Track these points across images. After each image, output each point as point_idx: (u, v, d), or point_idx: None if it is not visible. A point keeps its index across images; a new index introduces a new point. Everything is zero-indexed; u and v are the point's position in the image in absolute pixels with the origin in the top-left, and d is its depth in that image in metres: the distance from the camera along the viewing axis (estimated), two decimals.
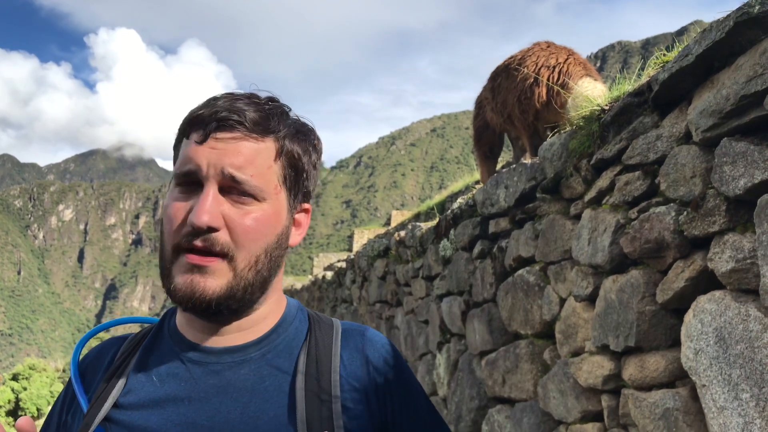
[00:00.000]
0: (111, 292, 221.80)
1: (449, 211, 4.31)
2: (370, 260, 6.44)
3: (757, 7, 1.67)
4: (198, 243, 0.84)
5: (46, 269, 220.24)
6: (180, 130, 0.91)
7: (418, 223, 5.25)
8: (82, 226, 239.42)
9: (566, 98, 3.81)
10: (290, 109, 0.95)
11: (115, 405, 0.88)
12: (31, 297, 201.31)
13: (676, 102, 2.12)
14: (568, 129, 2.90)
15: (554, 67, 4.18)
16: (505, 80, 4.51)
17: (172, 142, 0.94)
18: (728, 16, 1.76)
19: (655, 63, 2.47)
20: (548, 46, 4.42)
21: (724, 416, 1.75)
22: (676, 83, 2.05)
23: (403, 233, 5.50)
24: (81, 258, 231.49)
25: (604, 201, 2.51)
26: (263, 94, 0.93)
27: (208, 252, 0.84)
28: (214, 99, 0.90)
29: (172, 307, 0.99)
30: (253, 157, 0.86)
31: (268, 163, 0.88)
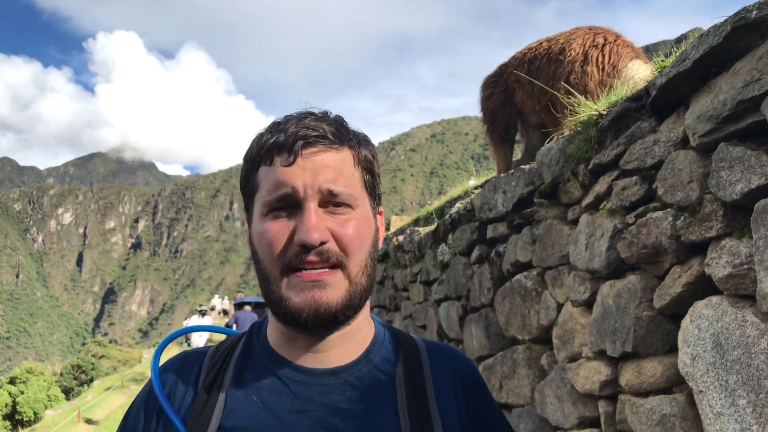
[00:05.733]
0: (110, 296, 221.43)
1: (447, 215, 4.30)
2: None
3: (754, 13, 1.67)
4: (313, 257, 0.86)
5: (44, 273, 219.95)
6: (251, 160, 0.92)
7: (416, 228, 5.24)
8: (81, 230, 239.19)
9: (613, 82, 3.45)
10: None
11: (219, 427, 0.87)
12: (29, 300, 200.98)
13: (673, 107, 2.12)
14: (566, 134, 2.90)
15: (603, 46, 3.91)
16: (547, 65, 4.19)
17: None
18: (725, 21, 1.76)
19: (653, 69, 2.47)
20: (591, 29, 4.15)
21: (721, 422, 1.74)
22: (673, 88, 2.04)
23: (401, 238, 5.49)
24: (80, 261, 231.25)
25: (601, 206, 2.50)
26: (315, 110, 0.95)
27: (323, 265, 0.86)
28: (278, 124, 0.91)
29: (258, 321, 1.01)
30: (340, 167, 0.89)
31: (351, 171, 0.91)
